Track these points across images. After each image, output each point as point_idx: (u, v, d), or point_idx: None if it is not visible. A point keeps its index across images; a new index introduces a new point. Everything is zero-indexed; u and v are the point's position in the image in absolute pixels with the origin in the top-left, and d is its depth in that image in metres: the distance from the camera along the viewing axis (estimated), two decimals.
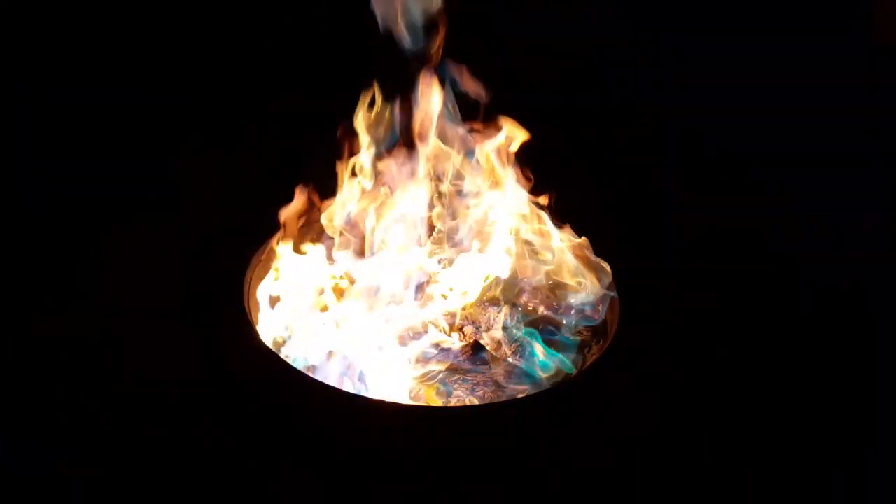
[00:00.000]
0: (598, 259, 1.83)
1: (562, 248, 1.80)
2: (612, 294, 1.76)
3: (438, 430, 1.49)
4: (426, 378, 1.63)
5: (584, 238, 1.79)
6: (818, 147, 2.46)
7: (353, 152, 1.76)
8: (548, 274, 1.81)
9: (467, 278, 1.76)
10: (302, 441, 1.49)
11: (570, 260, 1.80)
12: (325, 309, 1.72)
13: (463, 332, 1.74)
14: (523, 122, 1.74)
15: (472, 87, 1.69)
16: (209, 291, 1.71)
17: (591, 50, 2.73)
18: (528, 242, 1.82)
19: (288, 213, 1.74)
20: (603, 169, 2.41)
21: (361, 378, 1.60)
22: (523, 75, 1.68)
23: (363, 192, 1.79)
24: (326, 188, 1.79)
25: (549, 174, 1.78)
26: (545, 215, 1.80)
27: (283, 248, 1.74)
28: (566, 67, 2.63)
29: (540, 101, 1.66)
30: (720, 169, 2.45)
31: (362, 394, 1.56)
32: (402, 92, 1.70)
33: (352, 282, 1.80)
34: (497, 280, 1.78)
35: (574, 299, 1.79)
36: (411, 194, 1.78)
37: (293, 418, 1.52)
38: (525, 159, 1.77)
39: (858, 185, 2.33)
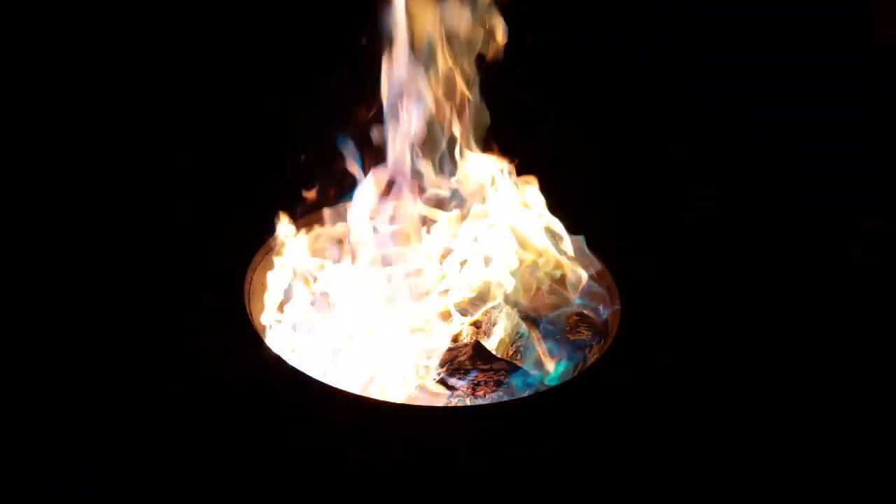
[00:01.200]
0: (598, 259, 1.83)
1: (562, 247, 1.81)
2: (614, 293, 1.77)
3: (438, 430, 1.49)
4: (427, 378, 1.63)
5: (581, 237, 1.79)
6: (816, 112, 2.47)
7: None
8: (548, 274, 1.81)
9: (468, 278, 1.76)
10: (302, 441, 1.49)
11: (570, 260, 1.80)
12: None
13: (464, 332, 1.74)
14: (522, 88, 1.74)
15: None
16: (209, 291, 1.71)
17: (589, 15, 2.73)
18: (527, 242, 1.82)
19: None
20: (601, 136, 2.43)
21: (359, 376, 1.60)
22: (520, 42, 1.68)
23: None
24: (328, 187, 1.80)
25: (549, 153, 1.79)
26: (545, 212, 1.81)
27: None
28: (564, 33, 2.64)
29: (538, 66, 1.67)
30: (718, 134, 2.47)
31: (363, 394, 1.56)
32: None
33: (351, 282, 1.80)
34: (497, 280, 1.78)
35: (574, 300, 1.79)
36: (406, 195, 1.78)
37: (293, 418, 1.52)
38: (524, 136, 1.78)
39: (859, 172, 2.34)
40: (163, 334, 1.66)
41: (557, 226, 1.81)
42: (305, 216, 1.84)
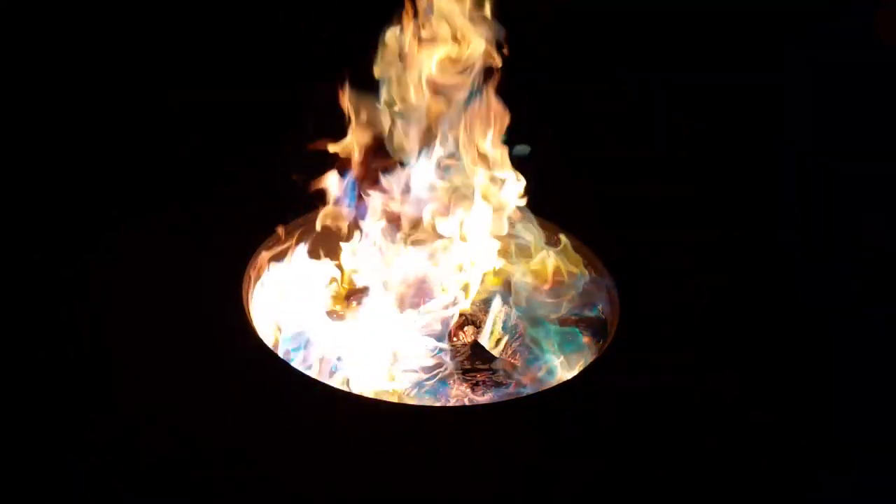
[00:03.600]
0: (598, 258, 1.83)
1: (561, 247, 1.81)
2: (613, 293, 1.77)
3: (438, 430, 1.49)
4: (426, 378, 1.63)
5: (580, 236, 1.79)
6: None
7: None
8: (548, 274, 1.81)
9: (467, 279, 1.76)
10: (300, 440, 1.48)
11: (570, 259, 1.81)
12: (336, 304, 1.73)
13: (463, 332, 1.74)
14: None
15: None
16: (209, 291, 1.71)
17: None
18: (526, 242, 1.82)
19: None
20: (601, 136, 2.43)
21: (359, 377, 1.60)
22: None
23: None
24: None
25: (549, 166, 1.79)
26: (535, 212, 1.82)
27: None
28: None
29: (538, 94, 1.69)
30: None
31: (362, 394, 1.56)
32: None
33: (352, 283, 1.81)
34: (496, 280, 1.78)
35: (574, 299, 1.79)
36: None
37: (292, 418, 1.51)
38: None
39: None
40: (161, 334, 1.66)
41: (555, 227, 1.82)
42: (306, 214, 1.84)
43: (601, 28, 2.97)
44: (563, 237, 1.84)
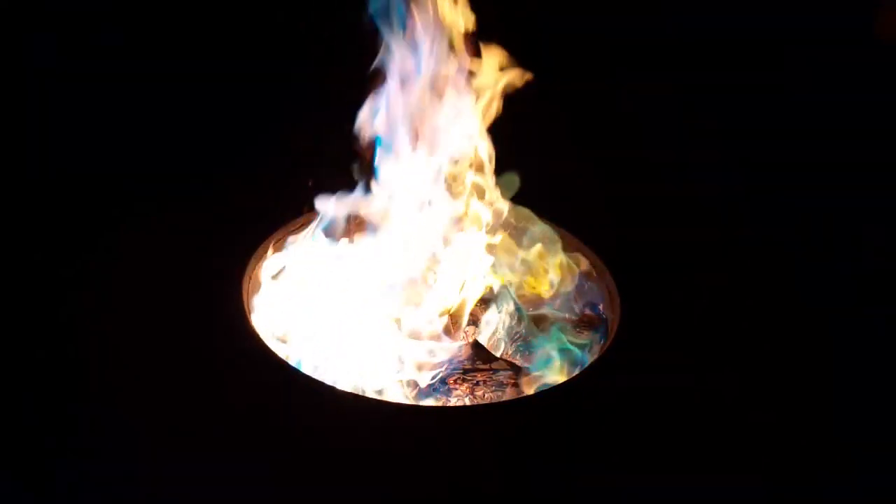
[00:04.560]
0: (598, 258, 1.83)
1: (561, 246, 1.81)
2: (613, 293, 1.76)
3: (438, 430, 1.48)
4: (427, 378, 1.63)
5: (581, 236, 1.79)
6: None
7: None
8: (549, 273, 1.81)
9: (466, 278, 1.76)
10: (300, 440, 1.48)
11: (571, 259, 1.80)
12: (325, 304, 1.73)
13: (464, 332, 1.74)
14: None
15: None
16: (209, 291, 1.71)
17: None
18: (526, 242, 1.82)
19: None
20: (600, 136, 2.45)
21: (358, 377, 1.60)
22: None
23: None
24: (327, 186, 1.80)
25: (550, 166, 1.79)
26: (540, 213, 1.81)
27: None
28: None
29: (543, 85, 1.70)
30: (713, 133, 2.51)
31: (362, 393, 1.56)
32: None
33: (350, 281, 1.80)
34: (496, 280, 1.77)
35: (574, 299, 1.79)
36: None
37: (292, 417, 1.51)
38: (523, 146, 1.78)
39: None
40: (160, 333, 1.66)
41: (554, 226, 1.81)
42: (305, 212, 1.84)
43: (601, 28, 2.98)
44: (563, 237, 1.84)
